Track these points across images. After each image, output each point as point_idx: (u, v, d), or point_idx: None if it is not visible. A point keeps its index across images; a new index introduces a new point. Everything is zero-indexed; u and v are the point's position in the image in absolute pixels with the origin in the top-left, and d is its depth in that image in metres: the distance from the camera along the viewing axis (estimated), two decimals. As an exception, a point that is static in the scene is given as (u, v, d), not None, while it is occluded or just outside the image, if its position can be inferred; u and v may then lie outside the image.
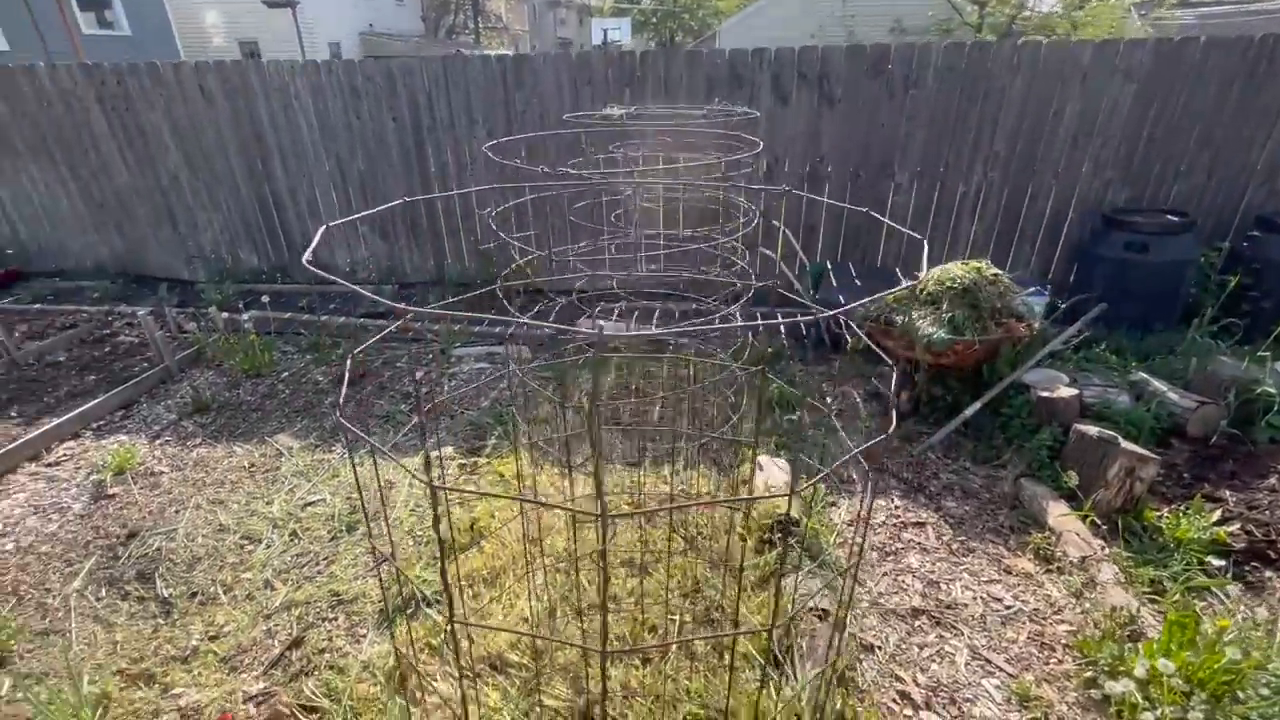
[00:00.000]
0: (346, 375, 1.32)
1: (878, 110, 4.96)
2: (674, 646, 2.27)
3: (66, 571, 2.68)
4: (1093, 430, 2.92)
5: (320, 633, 2.39)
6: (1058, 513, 2.80)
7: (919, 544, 2.77)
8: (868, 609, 2.44)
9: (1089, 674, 2.10)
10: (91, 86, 5.69)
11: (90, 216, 6.31)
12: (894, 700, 2.08)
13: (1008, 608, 2.44)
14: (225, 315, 4.70)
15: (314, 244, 1.21)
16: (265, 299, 4.69)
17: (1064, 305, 4.40)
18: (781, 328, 5.16)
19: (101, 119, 5.81)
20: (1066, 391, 3.25)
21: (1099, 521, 2.76)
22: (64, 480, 3.28)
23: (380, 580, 2.19)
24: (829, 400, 3.96)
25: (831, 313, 1.20)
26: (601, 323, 4.51)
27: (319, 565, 2.70)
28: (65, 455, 3.50)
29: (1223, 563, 2.54)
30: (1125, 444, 2.81)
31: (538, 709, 2.07)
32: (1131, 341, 4.18)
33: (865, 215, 5.23)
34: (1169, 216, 4.50)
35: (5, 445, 3.42)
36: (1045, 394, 3.24)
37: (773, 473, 3.04)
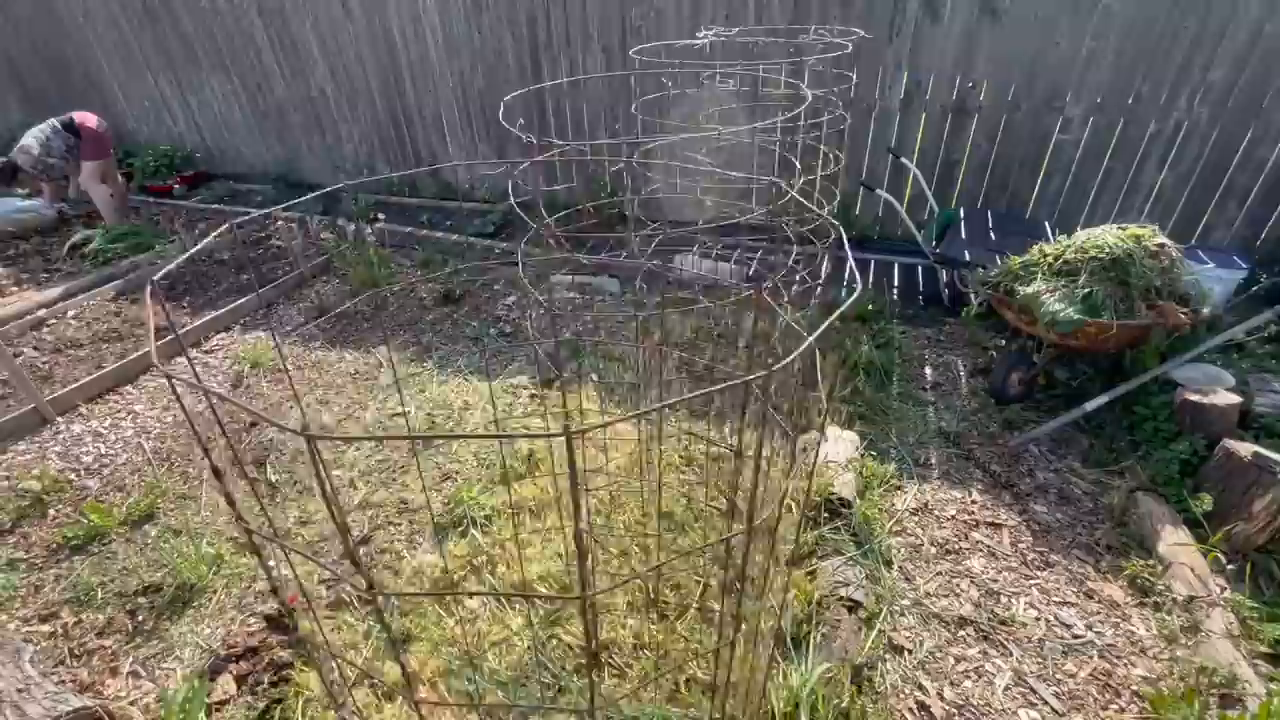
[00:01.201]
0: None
1: (1054, 25, 4.09)
2: (693, 609, 2.28)
3: (207, 447, 3.20)
4: (1245, 450, 2.40)
5: (385, 534, 2.68)
6: (1173, 540, 2.39)
7: (988, 547, 2.51)
8: (908, 607, 2.28)
9: (1153, 732, 1.84)
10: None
11: (257, 125, 7.02)
12: (910, 710, 1.97)
13: (1076, 636, 2.17)
14: (352, 227, 5.11)
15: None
16: (381, 216, 5.01)
17: (1265, 282, 3.55)
18: (895, 282, 4.69)
19: (262, 32, 6.30)
20: (1225, 397, 2.67)
21: (1225, 558, 2.32)
22: (214, 367, 3.86)
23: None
24: (926, 370, 3.59)
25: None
26: (695, 258, 4.36)
27: (394, 473, 3.00)
28: (218, 345, 4.10)
29: (1387, 637, 2.05)
30: (1287, 474, 2.29)
31: (554, 640, 2.21)
32: (1349, 339, 3.31)
33: (1017, 153, 4.49)
34: None
35: (177, 331, 4.06)
36: (1194, 397, 2.69)
37: (838, 446, 2.85)
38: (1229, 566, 2.30)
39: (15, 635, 2.26)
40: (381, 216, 5.17)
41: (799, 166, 2.28)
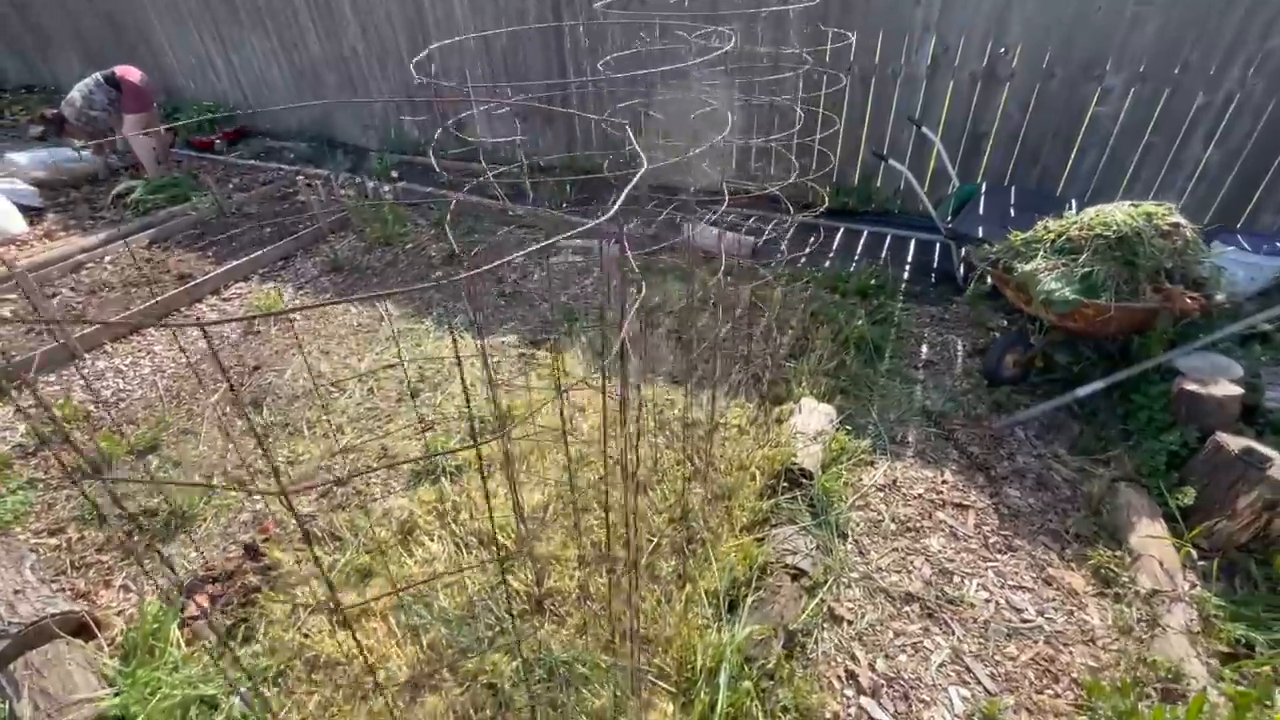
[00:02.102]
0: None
1: (1096, -14, 3.81)
2: (642, 565, 2.33)
3: (211, 387, 3.40)
4: (1235, 443, 2.27)
5: (363, 478, 2.80)
6: (1146, 532, 2.29)
7: (950, 528, 2.46)
8: (856, 580, 2.27)
9: (1082, 719, 1.81)
10: (289, -43, 6.25)
11: (294, 83, 7.20)
12: (838, 677, 1.97)
13: (1024, 621, 2.12)
14: (371, 185, 5.23)
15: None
16: (394, 174, 5.10)
17: (1307, 271, 3.30)
18: (909, 258, 4.54)
19: (297, -10, 6.42)
20: (1226, 388, 2.52)
21: (1199, 554, 2.22)
22: (230, 314, 4.06)
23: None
24: (923, 348, 3.49)
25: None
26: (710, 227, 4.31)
27: (380, 421, 3.12)
28: (236, 293, 4.30)
29: (1362, 646, 1.94)
30: (1277, 471, 2.16)
31: (503, 586, 2.29)
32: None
33: (1050, 125, 4.22)
34: None
35: (199, 279, 4.28)
36: (1192, 387, 2.54)
37: (811, 418, 2.82)
38: (1200, 563, 2.20)
39: (24, 545, 2.48)
40: (394, 174, 5.26)
41: (752, 126, 2.22)
